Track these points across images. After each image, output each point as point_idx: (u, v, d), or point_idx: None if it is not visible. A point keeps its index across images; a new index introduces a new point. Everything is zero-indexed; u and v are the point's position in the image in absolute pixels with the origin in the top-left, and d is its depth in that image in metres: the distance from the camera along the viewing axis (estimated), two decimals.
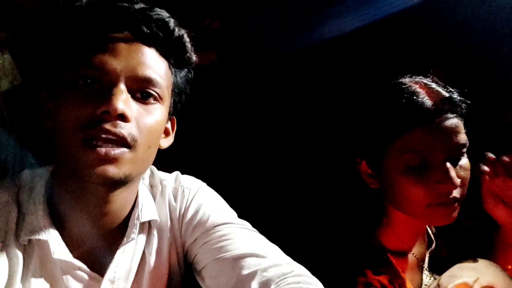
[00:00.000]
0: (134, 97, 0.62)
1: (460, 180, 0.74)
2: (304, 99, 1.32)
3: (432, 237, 0.92)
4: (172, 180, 0.78)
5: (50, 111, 0.63)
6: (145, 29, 0.63)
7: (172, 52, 0.67)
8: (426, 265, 0.87)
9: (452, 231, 0.91)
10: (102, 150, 0.58)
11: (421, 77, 0.82)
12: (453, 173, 0.73)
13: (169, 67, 0.68)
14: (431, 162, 0.74)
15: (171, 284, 0.74)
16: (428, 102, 0.74)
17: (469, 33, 1.15)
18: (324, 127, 1.24)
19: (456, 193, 0.75)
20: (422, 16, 1.21)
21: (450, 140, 0.74)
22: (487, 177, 0.81)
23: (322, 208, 0.97)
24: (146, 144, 0.63)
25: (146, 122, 0.63)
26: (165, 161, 0.79)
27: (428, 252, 0.89)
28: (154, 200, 0.75)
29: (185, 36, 0.67)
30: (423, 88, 0.77)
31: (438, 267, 0.87)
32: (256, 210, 0.83)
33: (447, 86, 0.79)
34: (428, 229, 0.93)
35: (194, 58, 0.72)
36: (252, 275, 0.65)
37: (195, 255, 0.73)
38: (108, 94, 0.59)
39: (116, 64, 0.60)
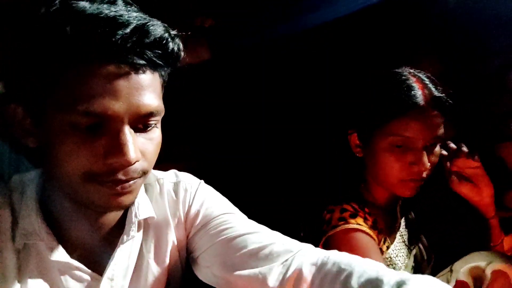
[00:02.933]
0: (136, 128, 0.58)
1: (429, 164, 0.89)
2: (304, 99, 1.32)
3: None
4: (170, 177, 0.78)
5: (34, 134, 0.59)
6: (143, 60, 0.55)
7: (167, 66, 0.61)
8: (401, 229, 1.02)
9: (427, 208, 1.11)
10: (118, 187, 0.57)
11: (419, 71, 0.95)
12: (425, 158, 0.88)
13: (160, 76, 0.62)
14: (411, 146, 0.88)
15: (171, 281, 0.74)
16: (421, 97, 0.88)
17: (460, 24, 1.15)
18: (324, 127, 1.24)
19: (424, 174, 0.90)
20: (412, 5, 1.21)
21: (431, 132, 0.88)
22: (448, 162, 0.98)
23: (322, 208, 0.97)
24: (152, 167, 0.63)
25: (151, 151, 0.61)
26: (164, 161, 0.79)
27: (402, 220, 1.04)
28: (152, 199, 0.74)
29: (180, 46, 0.60)
30: (419, 83, 0.90)
31: (410, 236, 1.05)
32: (256, 210, 0.83)
33: (438, 85, 0.93)
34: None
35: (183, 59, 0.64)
36: (257, 250, 0.67)
37: (195, 244, 0.74)
38: (115, 141, 0.55)
39: (118, 107, 0.54)
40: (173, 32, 0.58)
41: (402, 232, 1.03)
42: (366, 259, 0.63)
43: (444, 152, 0.97)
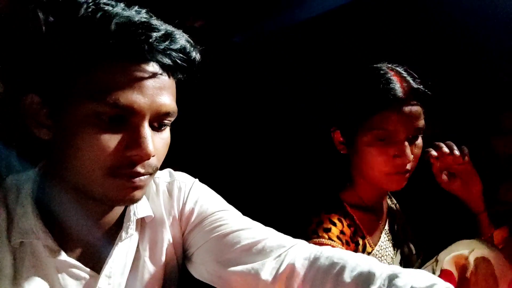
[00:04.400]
0: (151, 127, 0.61)
1: (413, 156, 0.90)
2: (303, 98, 1.32)
3: (389, 205, 1.09)
4: (164, 176, 0.80)
5: (48, 125, 0.61)
6: (170, 62, 0.60)
7: (186, 71, 0.65)
8: (386, 227, 1.03)
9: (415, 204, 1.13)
10: (136, 180, 0.60)
11: (396, 65, 0.96)
12: (408, 150, 0.89)
13: (176, 82, 0.66)
14: (394, 139, 0.89)
15: (167, 279, 0.75)
16: (399, 90, 0.89)
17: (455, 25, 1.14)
18: (324, 127, 1.24)
19: (408, 166, 0.91)
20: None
21: (412, 124, 0.89)
22: (436, 160, 0.99)
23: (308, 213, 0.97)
24: (159, 165, 0.65)
25: (163, 150, 0.64)
26: (164, 161, 0.80)
27: (387, 217, 1.04)
28: (148, 198, 0.75)
29: (198, 55, 0.64)
30: (397, 77, 0.91)
31: (396, 233, 1.06)
32: (256, 210, 0.83)
33: (416, 77, 0.93)
34: (389, 200, 1.11)
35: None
36: (250, 246, 0.68)
37: (190, 241, 0.75)
38: (136, 135, 0.58)
39: (143, 103, 0.58)
40: (192, 43, 0.63)
41: (387, 230, 1.03)
42: (358, 254, 0.64)
43: (434, 153, 0.98)
